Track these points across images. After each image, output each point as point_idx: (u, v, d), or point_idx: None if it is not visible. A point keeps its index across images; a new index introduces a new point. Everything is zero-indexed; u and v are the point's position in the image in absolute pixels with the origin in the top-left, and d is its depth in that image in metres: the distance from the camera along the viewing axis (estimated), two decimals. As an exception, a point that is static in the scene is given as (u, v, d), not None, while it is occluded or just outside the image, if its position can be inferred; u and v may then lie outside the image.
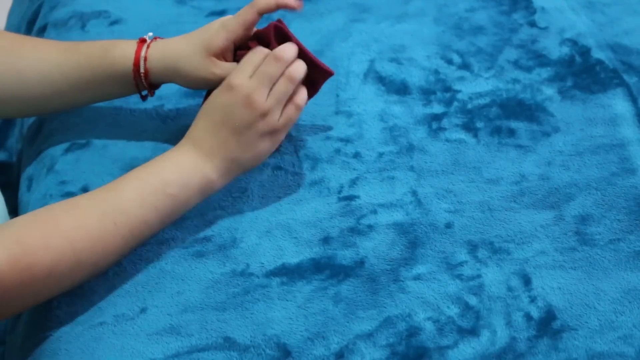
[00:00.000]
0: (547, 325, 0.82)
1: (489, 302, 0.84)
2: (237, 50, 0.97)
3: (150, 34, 0.98)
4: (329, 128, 1.04)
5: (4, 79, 0.96)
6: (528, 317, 0.83)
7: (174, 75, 0.96)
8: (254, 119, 0.89)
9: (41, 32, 1.26)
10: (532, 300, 0.84)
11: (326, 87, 1.10)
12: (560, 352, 0.80)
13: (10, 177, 1.29)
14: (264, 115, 0.90)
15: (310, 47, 1.17)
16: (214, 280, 0.88)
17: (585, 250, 0.89)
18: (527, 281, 0.86)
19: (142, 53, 0.96)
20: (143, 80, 0.97)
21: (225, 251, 0.91)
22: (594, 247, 0.89)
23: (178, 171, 0.87)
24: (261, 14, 0.95)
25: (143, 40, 0.97)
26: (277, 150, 1.01)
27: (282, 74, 0.91)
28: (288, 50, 0.92)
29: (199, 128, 0.90)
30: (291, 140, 1.03)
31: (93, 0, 1.27)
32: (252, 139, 0.90)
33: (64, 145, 1.05)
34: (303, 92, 0.93)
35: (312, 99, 1.08)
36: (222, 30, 0.95)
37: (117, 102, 1.09)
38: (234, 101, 0.89)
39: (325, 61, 1.14)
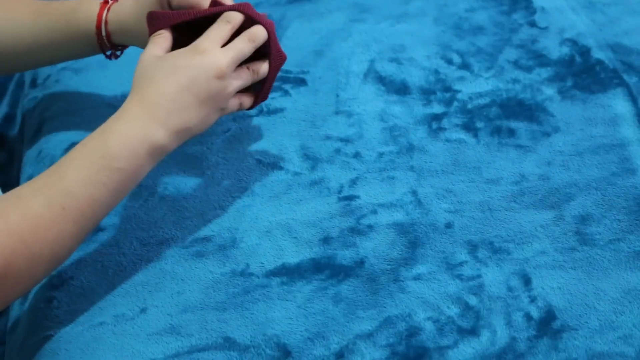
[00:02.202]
0: (547, 325, 0.82)
1: (489, 302, 0.84)
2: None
3: None
4: (329, 128, 1.04)
5: None
6: (528, 317, 0.83)
7: (131, 39, 0.96)
8: (219, 92, 0.86)
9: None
10: (532, 300, 0.84)
11: (326, 87, 1.10)
12: (560, 352, 0.80)
13: (10, 177, 1.29)
14: (228, 91, 0.87)
15: (310, 47, 1.17)
16: (214, 280, 0.88)
17: (585, 250, 0.89)
18: (527, 281, 0.86)
19: (103, 16, 0.96)
20: (107, 43, 0.97)
21: (225, 251, 0.91)
22: (594, 247, 0.89)
23: (123, 142, 0.81)
24: None
25: (107, 2, 0.97)
26: (277, 149, 1.01)
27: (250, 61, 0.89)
28: (261, 33, 0.89)
29: (156, 89, 0.84)
30: (291, 140, 1.03)
31: (93, 0, 1.27)
32: (212, 111, 0.86)
33: (64, 145, 1.05)
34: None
35: (311, 99, 1.08)
36: None
37: (118, 103, 1.09)
38: (205, 68, 0.85)
39: (325, 61, 1.14)
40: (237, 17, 0.89)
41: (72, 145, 1.04)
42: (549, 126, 1.03)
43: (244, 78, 0.89)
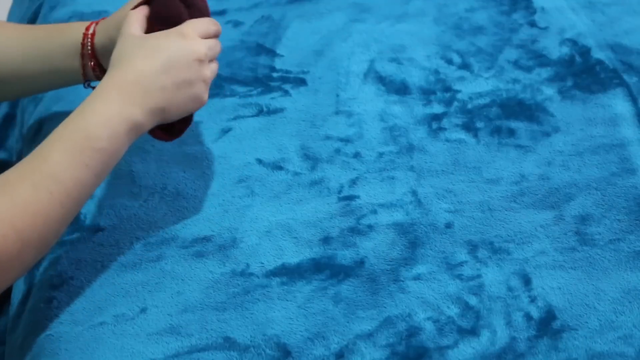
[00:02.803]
0: (547, 325, 0.82)
1: (489, 302, 0.84)
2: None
3: None
4: (329, 128, 1.04)
5: None
6: (528, 317, 0.83)
7: (112, 41, 0.93)
8: (196, 79, 0.87)
9: (41, 32, 1.26)
10: (532, 300, 0.84)
11: (326, 87, 1.10)
12: (560, 352, 0.80)
13: (10, 177, 1.28)
14: (203, 80, 0.88)
15: (310, 47, 1.17)
16: (214, 280, 0.88)
17: (585, 250, 0.89)
18: (527, 281, 0.86)
19: (91, 29, 0.95)
20: (89, 46, 0.94)
21: (225, 251, 0.91)
22: (594, 247, 0.89)
23: (104, 123, 0.82)
24: None
25: (97, 22, 0.97)
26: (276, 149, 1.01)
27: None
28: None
29: (134, 68, 0.85)
30: (291, 140, 1.03)
31: (93, 0, 1.27)
32: (186, 97, 0.87)
33: (64, 145, 1.05)
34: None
35: (311, 99, 1.08)
36: None
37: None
38: (187, 51, 0.86)
39: (325, 61, 1.14)
40: (219, 26, 0.92)
41: (72, 145, 1.05)
42: (549, 126, 1.03)
43: (213, 72, 0.90)
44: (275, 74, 1.13)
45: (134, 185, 0.98)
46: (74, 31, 0.97)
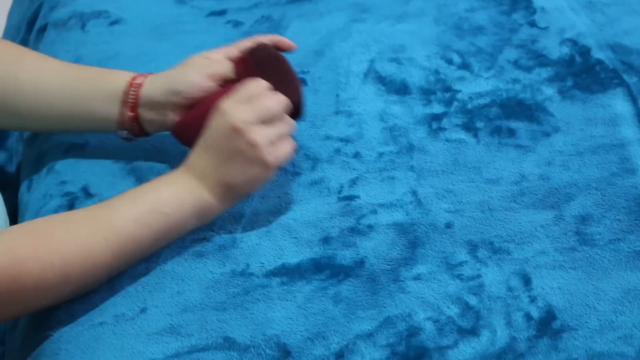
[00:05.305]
0: (547, 325, 0.82)
1: (489, 302, 0.84)
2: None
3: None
4: (329, 128, 1.04)
5: (2, 87, 0.96)
6: (528, 317, 0.83)
7: (169, 92, 0.95)
8: (242, 145, 0.87)
9: (41, 32, 1.26)
10: (532, 300, 0.84)
11: (326, 87, 1.10)
12: (560, 352, 0.80)
13: (10, 177, 1.29)
14: (252, 144, 0.87)
15: (310, 47, 1.17)
16: (214, 280, 0.88)
17: (585, 250, 0.89)
18: (527, 281, 0.86)
19: (139, 81, 0.96)
20: (132, 96, 0.95)
21: (225, 251, 0.91)
22: (594, 247, 0.89)
23: (172, 191, 0.87)
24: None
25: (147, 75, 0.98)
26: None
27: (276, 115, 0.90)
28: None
29: (193, 152, 0.90)
30: (291, 140, 1.03)
31: (93, 0, 1.27)
32: (242, 164, 0.88)
33: (64, 146, 1.05)
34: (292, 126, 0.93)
35: (311, 99, 1.08)
36: (224, 61, 0.97)
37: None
38: (223, 126, 0.88)
39: (325, 61, 1.14)
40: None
41: (72, 145, 1.05)
42: (549, 126, 1.03)
43: (266, 135, 0.89)
44: (275, 74, 1.13)
45: (136, 185, 0.98)
46: (118, 78, 0.97)
